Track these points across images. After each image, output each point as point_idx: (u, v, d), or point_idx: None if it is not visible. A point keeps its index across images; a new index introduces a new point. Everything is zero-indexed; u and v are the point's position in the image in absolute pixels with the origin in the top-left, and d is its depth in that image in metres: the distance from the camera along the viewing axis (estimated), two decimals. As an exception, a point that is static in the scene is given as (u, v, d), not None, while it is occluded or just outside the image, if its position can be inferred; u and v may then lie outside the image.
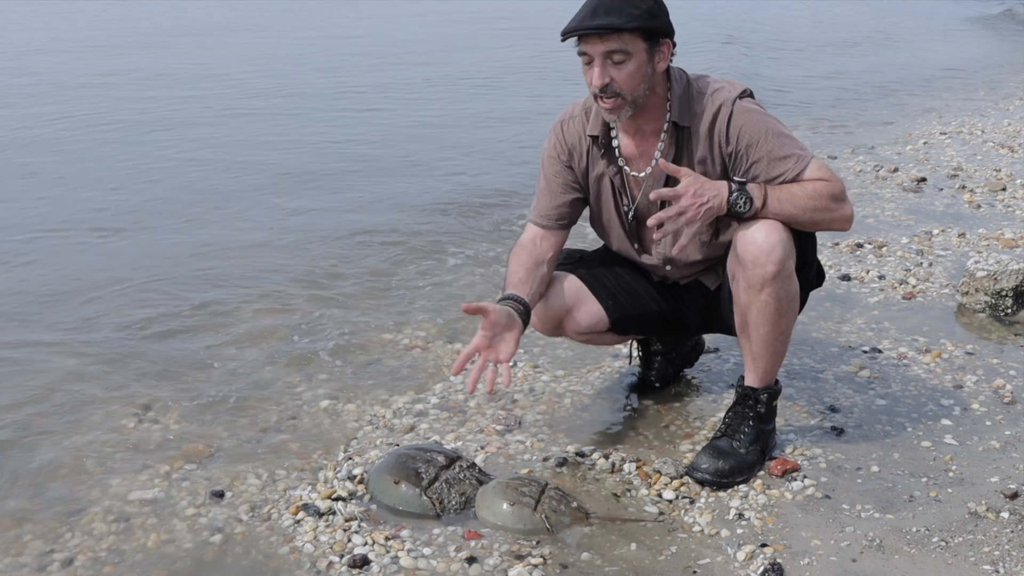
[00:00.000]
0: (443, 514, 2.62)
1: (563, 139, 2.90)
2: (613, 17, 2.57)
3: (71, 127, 7.38)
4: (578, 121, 2.87)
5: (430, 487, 2.67)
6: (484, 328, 2.64)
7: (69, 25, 13.82)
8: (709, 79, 2.78)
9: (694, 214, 2.59)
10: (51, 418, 3.17)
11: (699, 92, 2.74)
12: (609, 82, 2.63)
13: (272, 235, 4.95)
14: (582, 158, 2.89)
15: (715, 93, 2.73)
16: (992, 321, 3.86)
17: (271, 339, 3.75)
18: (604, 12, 2.58)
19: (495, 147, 6.76)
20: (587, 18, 2.59)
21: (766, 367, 2.81)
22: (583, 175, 2.92)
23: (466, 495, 2.66)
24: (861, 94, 8.71)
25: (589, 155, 2.87)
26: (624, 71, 2.63)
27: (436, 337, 3.77)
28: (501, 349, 2.66)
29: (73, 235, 5.00)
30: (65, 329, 3.85)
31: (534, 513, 2.55)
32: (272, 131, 7.34)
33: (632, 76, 2.64)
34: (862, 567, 2.43)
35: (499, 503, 2.59)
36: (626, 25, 2.58)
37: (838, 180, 2.70)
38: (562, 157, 2.91)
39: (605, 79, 2.63)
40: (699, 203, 2.60)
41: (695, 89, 2.75)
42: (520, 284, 2.83)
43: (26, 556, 2.49)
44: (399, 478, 2.69)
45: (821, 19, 14.26)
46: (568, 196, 2.92)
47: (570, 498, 2.64)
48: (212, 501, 2.72)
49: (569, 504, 2.61)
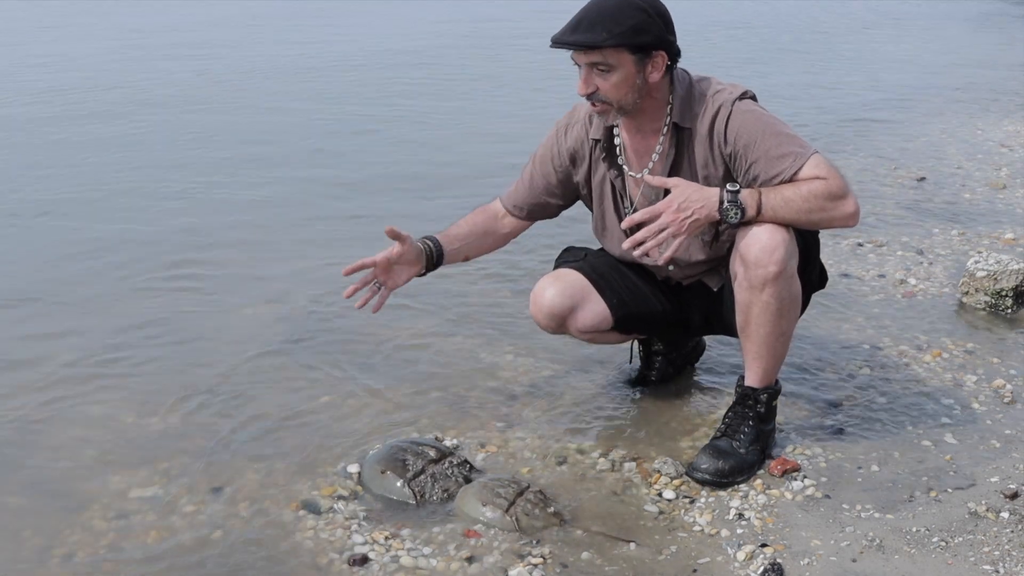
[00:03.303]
0: (422, 505, 2.67)
1: (565, 143, 2.92)
2: (592, 33, 2.58)
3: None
4: (581, 126, 2.88)
5: (414, 479, 2.72)
6: (392, 252, 2.85)
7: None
8: (711, 81, 2.78)
9: (676, 228, 2.61)
10: (50, 415, 3.16)
11: (700, 94, 2.74)
12: (594, 91, 2.65)
13: (271, 235, 4.94)
14: (585, 161, 2.89)
15: (716, 95, 2.73)
16: (993, 320, 3.86)
17: (270, 336, 3.74)
18: (585, 27, 2.60)
19: (498, 143, 6.75)
20: (568, 32, 2.62)
21: (766, 367, 2.81)
22: (585, 180, 2.92)
23: (449, 491, 2.71)
24: (861, 94, 8.70)
25: (592, 158, 2.88)
26: (609, 81, 2.64)
27: (436, 333, 3.76)
28: (393, 277, 2.91)
29: (71, 233, 4.98)
30: (64, 326, 3.84)
31: (505, 515, 2.58)
32: (290, 137, 7.32)
33: (617, 87, 2.64)
34: (862, 567, 2.43)
35: (474, 501, 2.63)
36: (604, 43, 2.58)
37: (837, 177, 2.65)
38: (556, 162, 2.94)
39: (590, 88, 2.66)
40: (682, 217, 2.61)
41: (697, 91, 2.75)
42: (453, 238, 3.00)
43: (25, 552, 2.49)
44: (386, 468, 2.75)
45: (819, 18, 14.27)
46: (545, 199, 3.02)
47: (550, 502, 2.65)
48: (211, 498, 2.72)
49: (545, 509, 2.62)
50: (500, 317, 3.89)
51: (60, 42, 10.89)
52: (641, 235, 2.63)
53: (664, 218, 2.61)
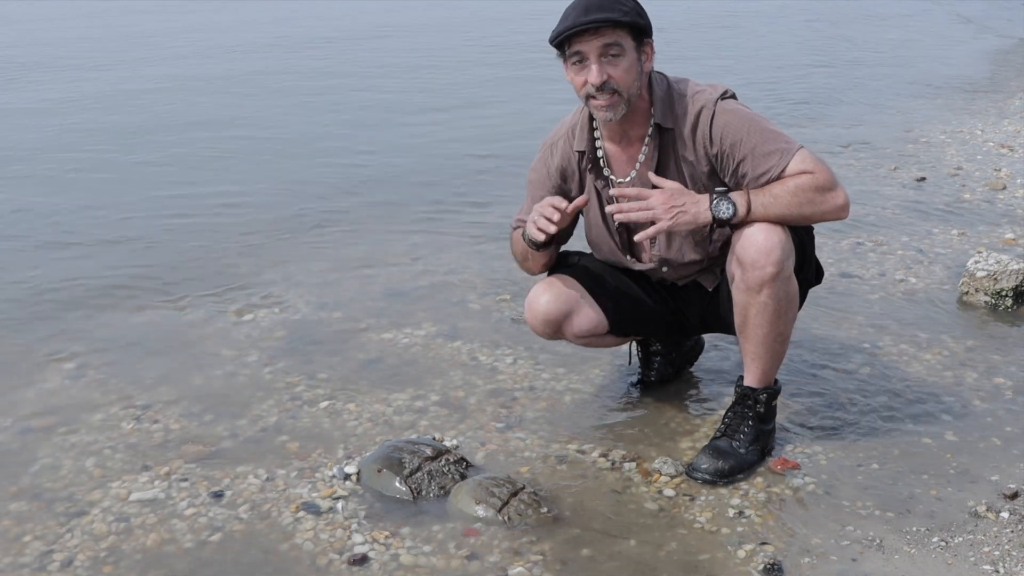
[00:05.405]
0: (418, 502, 2.68)
1: (553, 162, 2.92)
2: (607, 12, 2.61)
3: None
4: (565, 141, 2.89)
5: (411, 476, 2.74)
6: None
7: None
8: (689, 82, 2.80)
9: (662, 214, 2.62)
10: (51, 419, 3.16)
11: (680, 94, 2.76)
12: (607, 79, 2.64)
13: (271, 235, 4.95)
14: (575, 174, 2.90)
15: (696, 95, 2.74)
16: (993, 318, 3.86)
17: (270, 339, 3.74)
18: (597, 8, 2.62)
19: (499, 144, 6.76)
20: (580, 16, 2.62)
21: (765, 367, 2.81)
22: (578, 193, 2.91)
23: (445, 488, 2.72)
24: (861, 92, 8.70)
25: (580, 170, 2.89)
26: (620, 67, 2.65)
27: (435, 335, 3.76)
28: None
29: (68, 234, 4.99)
30: (64, 329, 3.85)
31: (498, 514, 2.59)
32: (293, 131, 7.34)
33: (628, 71, 2.67)
34: (862, 566, 2.43)
35: (468, 499, 2.64)
36: (621, 19, 2.62)
37: (824, 169, 2.66)
38: (549, 182, 2.93)
39: (603, 76, 2.64)
40: (671, 205, 2.63)
41: (676, 92, 2.77)
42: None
43: (26, 556, 2.50)
44: (383, 466, 2.78)
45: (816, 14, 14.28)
46: None
47: (544, 503, 2.65)
48: (212, 501, 2.72)
49: (539, 509, 2.62)
50: (500, 321, 3.89)
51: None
52: (627, 206, 2.65)
53: (654, 199, 2.64)
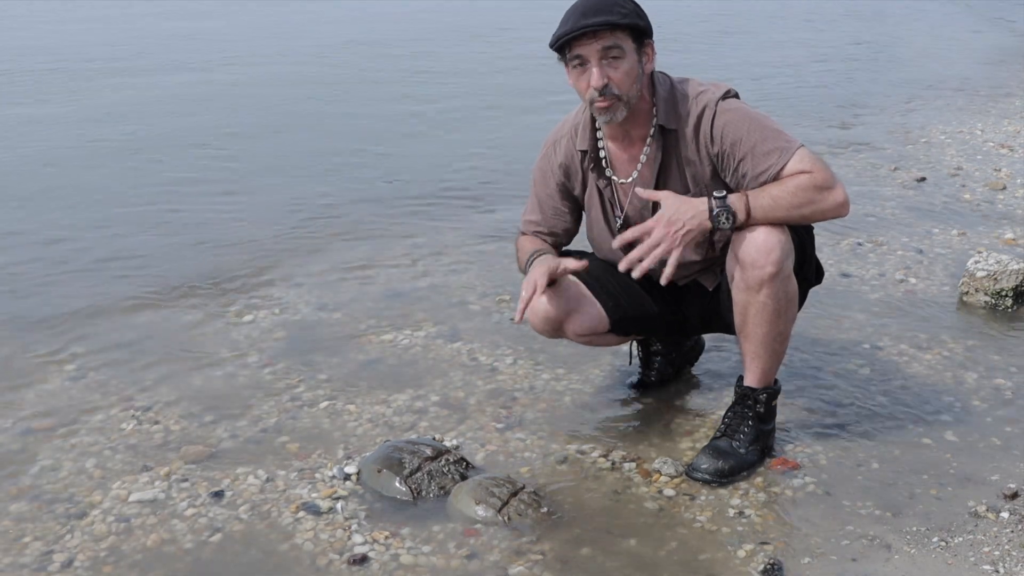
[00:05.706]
0: (419, 502, 2.68)
1: (556, 159, 2.93)
2: (606, 15, 2.61)
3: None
4: (568, 139, 2.90)
5: (411, 476, 2.74)
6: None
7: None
8: (692, 82, 2.80)
9: (670, 244, 2.62)
10: (51, 420, 3.16)
11: (683, 95, 2.76)
12: (607, 82, 2.65)
13: (271, 236, 4.95)
14: (578, 173, 2.91)
15: (699, 95, 2.74)
16: (993, 318, 3.86)
17: (270, 339, 3.75)
18: (595, 12, 2.62)
19: (499, 146, 6.76)
20: (580, 19, 2.62)
21: (765, 367, 2.81)
22: (580, 191, 2.93)
23: (445, 488, 2.72)
24: (861, 92, 8.71)
25: (583, 168, 2.89)
26: (620, 70, 2.65)
27: (435, 336, 3.76)
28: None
29: (68, 234, 4.99)
30: (65, 330, 3.84)
31: (498, 514, 2.59)
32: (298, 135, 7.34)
33: (628, 74, 2.67)
34: (862, 566, 2.42)
35: (468, 499, 2.64)
36: (620, 21, 2.62)
37: (823, 168, 2.66)
38: (551, 181, 2.95)
39: (604, 79, 2.65)
40: (674, 230, 2.62)
41: (679, 92, 2.77)
42: (540, 249, 2.96)
43: (26, 557, 2.49)
44: (382, 466, 2.78)
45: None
46: (558, 221, 3.01)
47: (544, 503, 2.65)
48: (212, 501, 2.72)
49: (539, 509, 2.62)
50: (500, 321, 3.89)
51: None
52: (637, 253, 2.64)
53: (657, 233, 2.62)
